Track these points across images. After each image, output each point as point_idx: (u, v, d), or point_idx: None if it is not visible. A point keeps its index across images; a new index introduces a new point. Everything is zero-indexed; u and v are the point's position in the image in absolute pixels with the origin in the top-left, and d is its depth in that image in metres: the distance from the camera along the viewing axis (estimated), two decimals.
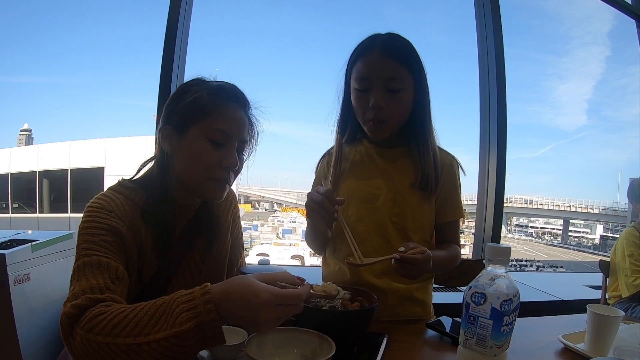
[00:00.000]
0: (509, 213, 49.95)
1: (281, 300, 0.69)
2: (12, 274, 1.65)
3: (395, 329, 1.05)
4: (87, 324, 0.70)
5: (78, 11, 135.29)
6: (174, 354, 0.67)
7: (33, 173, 15.83)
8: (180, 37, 2.25)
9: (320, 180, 1.35)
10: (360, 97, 1.18)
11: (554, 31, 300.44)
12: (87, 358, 0.69)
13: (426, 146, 1.22)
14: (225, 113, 0.96)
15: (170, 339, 0.66)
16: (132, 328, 0.68)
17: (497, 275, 0.78)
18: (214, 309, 0.67)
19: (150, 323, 0.68)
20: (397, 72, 1.14)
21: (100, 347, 0.68)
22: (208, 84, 0.99)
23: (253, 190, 47.39)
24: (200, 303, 0.67)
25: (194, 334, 0.66)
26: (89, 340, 0.68)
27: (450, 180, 1.27)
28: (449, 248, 1.26)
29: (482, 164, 2.67)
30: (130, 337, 0.67)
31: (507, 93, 2.62)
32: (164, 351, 0.67)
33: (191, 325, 0.66)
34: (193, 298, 0.68)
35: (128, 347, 0.67)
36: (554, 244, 49.36)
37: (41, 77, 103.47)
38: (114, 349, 0.67)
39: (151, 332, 0.67)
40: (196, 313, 0.67)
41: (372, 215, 1.23)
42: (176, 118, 0.96)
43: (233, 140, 0.97)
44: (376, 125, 1.18)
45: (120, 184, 0.98)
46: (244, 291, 0.69)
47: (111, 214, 0.89)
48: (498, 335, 0.76)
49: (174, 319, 0.67)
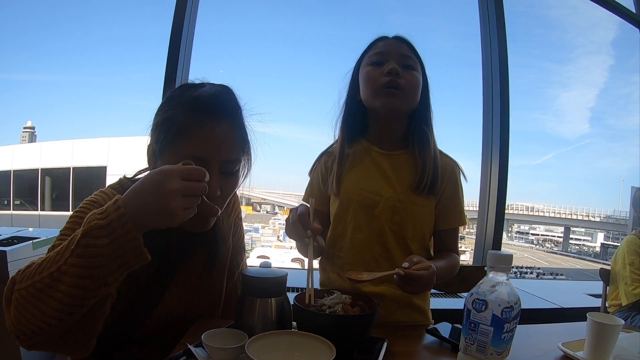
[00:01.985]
0: (510, 220, 49.81)
1: (188, 191, 0.69)
2: (13, 271, 1.62)
3: (395, 334, 1.05)
4: (19, 278, 0.69)
5: (83, 8, 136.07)
6: (89, 261, 0.65)
7: (35, 170, 15.89)
8: (185, 38, 2.26)
9: (317, 183, 1.31)
10: (374, 69, 1.19)
11: (558, 39, 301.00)
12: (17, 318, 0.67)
13: (427, 147, 1.21)
14: (200, 134, 0.86)
15: (82, 240, 0.65)
16: (54, 257, 0.67)
17: (499, 283, 0.78)
18: (121, 204, 0.67)
19: (68, 247, 0.67)
20: (410, 54, 1.20)
21: (27, 292, 0.66)
22: (186, 95, 0.90)
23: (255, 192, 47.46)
24: (110, 204, 0.68)
25: (105, 232, 0.65)
26: (19, 291, 0.67)
27: (451, 186, 1.25)
28: (448, 257, 1.22)
29: (484, 170, 2.68)
30: (53, 266, 0.66)
31: (510, 100, 2.63)
32: (79, 262, 0.65)
33: (101, 223, 0.65)
34: (105, 210, 0.68)
35: (50, 277, 0.66)
36: (555, 252, 49.25)
37: (45, 74, 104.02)
38: (38, 287, 0.66)
39: (66, 250, 0.66)
40: (106, 213, 0.67)
41: (371, 223, 1.21)
42: (155, 136, 0.90)
43: (211, 164, 0.87)
44: (391, 91, 1.15)
45: (120, 183, 0.97)
46: (150, 188, 0.68)
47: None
48: (498, 342, 0.76)
49: (87, 225, 0.66)
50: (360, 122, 1.28)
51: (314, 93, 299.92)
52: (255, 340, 0.76)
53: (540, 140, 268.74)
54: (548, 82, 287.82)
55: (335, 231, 1.26)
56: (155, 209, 0.68)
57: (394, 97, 1.16)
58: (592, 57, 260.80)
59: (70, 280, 0.65)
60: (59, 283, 0.65)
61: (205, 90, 0.91)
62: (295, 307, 0.89)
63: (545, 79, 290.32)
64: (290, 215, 0.98)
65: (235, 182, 0.95)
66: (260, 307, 0.86)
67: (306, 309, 0.88)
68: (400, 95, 1.16)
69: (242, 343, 0.75)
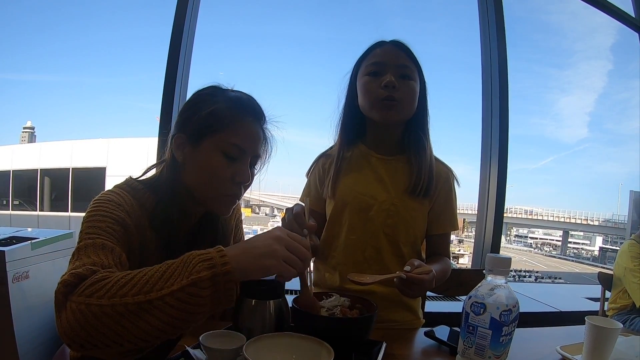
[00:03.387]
0: (509, 223, 49.93)
1: (290, 242, 0.76)
2: (11, 271, 1.66)
3: (393, 337, 1.05)
4: (87, 289, 0.68)
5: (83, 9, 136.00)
6: (188, 307, 0.67)
7: (35, 171, 15.88)
8: (185, 39, 2.27)
9: (315, 184, 1.33)
10: (372, 80, 1.19)
11: (557, 44, 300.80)
12: (80, 329, 0.65)
13: (423, 153, 1.23)
14: (242, 127, 0.94)
15: (186, 288, 0.67)
16: (143, 285, 0.67)
17: (497, 286, 0.79)
18: (229, 261, 0.70)
19: (163, 278, 0.68)
20: (408, 62, 1.20)
21: (102, 310, 0.65)
22: (226, 94, 0.97)
23: (254, 194, 47.39)
24: (216, 255, 0.70)
25: (209, 285, 0.68)
26: (89, 306, 0.66)
27: (445, 192, 1.27)
28: (441, 262, 1.24)
29: (483, 174, 2.68)
30: (141, 295, 0.66)
31: (510, 104, 2.64)
32: (177, 304, 0.67)
33: (207, 275, 0.68)
34: (209, 252, 0.71)
35: (137, 306, 0.66)
36: (553, 255, 49.20)
37: (45, 75, 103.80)
38: (120, 310, 0.65)
39: (164, 286, 0.67)
40: (212, 264, 0.69)
41: (365, 226, 1.23)
42: (191, 127, 0.95)
43: (247, 155, 0.96)
44: (388, 104, 1.17)
45: (127, 183, 0.97)
46: (257, 243, 0.75)
47: (119, 207, 0.88)
48: (497, 346, 0.76)
49: (191, 269, 0.68)
50: (358, 127, 1.30)
51: (313, 95, 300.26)
52: (253, 342, 0.76)
53: (539, 145, 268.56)
54: (547, 86, 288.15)
55: (330, 232, 1.28)
56: (257, 268, 0.73)
57: (391, 110, 1.18)
58: (591, 62, 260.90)
59: (162, 316, 0.67)
60: (147, 314, 0.66)
61: (241, 93, 1.00)
62: (294, 309, 0.89)
63: (545, 83, 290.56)
64: (286, 215, 1.02)
65: (253, 177, 1.02)
66: (259, 309, 0.86)
67: (304, 311, 0.88)
68: (396, 107, 1.18)
69: (240, 345, 0.75)
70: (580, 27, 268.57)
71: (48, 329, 1.83)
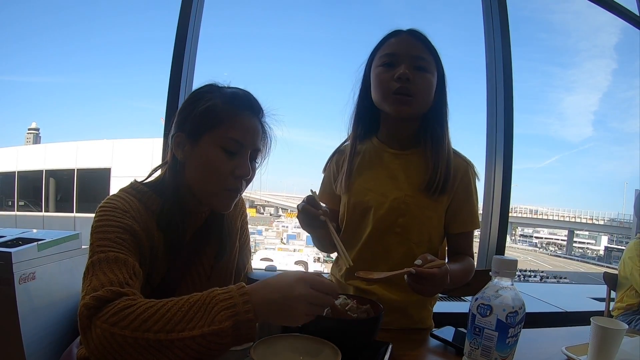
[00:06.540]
0: (514, 223, 49.68)
1: (314, 299, 0.73)
2: (18, 273, 1.66)
3: (399, 338, 1.05)
4: (111, 317, 0.69)
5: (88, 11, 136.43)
6: (207, 350, 0.68)
7: (40, 172, 15.97)
8: (190, 41, 2.26)
9: (329, 181, 1.31)
10: (385, 71, 1.15)
11: (562, 44, 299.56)
12: (106, 353, 0.68)
13: (440, 146, 1.18)
14: (239, 122, 0.95)
15: (207, 336, 0.67)
16: (165, 323, 0.68)
17: (503, 287, 0.79)
18: (252, 309, 0.69)
19: (184, 319, 0.68)
20: (424, 54, 1.15)
21: (126, 341, 0.67)
22: (222, 90, 0.98)
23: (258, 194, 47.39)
24: (240, 302, 0.70)
25: (230, 333, 0.68)
26: (112, 335, 0.67)
27: (464, 188, 1.21)
28: (463, 261, 1.19)
29: (488, 174, 2.67)
30: (162, 333, 0.67)
31: (514, 104, 2.63)
32: (197, 348, 0.67)
33: (229, 324, 0.68)
34: (231, 297, 0.70)
35: (159, 343, 0.67)
36: (558, 255, 49.01)
37: (50, 76, 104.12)
38: (142, 344, 0.67)
39: (185, 328, 0.67)
40: (235, 312, 0.69)
41: (375, 224, 1.20)
42: (189, 125, 0.95)
43: (246, 149, 0.96)
44: (401, 98, 1.12)
45: (132, 186, 0.98)
46: (280, 288, 0.72)
47: (126, 214, 0.88)
48: (503, 347, 0.77)
49: (212, 317, 0.68)
50: (373, 120, 1.26)
51: (318, 96, 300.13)
52: (260, 343, 0.77)
53: (544, 144, 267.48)
54: (552, 85, 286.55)
55: (342, 230, 1.27)
56: (279, 309, 0.72)
57: (404, 104, 1.13)
58: (595, 61, 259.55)
59: (183, 355, 0.68)
60: (169, 351, 0.67)
61: (238, 89, 1.00)
62: None
63: (549, 82, 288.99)
64: (299, 204, 1.06)
65: (255, 171, 1.02)
66: None
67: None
68: (410, 101, 1.13)
69: (247, 346, 0.76)
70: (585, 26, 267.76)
71: (54, 330, 1.84)
